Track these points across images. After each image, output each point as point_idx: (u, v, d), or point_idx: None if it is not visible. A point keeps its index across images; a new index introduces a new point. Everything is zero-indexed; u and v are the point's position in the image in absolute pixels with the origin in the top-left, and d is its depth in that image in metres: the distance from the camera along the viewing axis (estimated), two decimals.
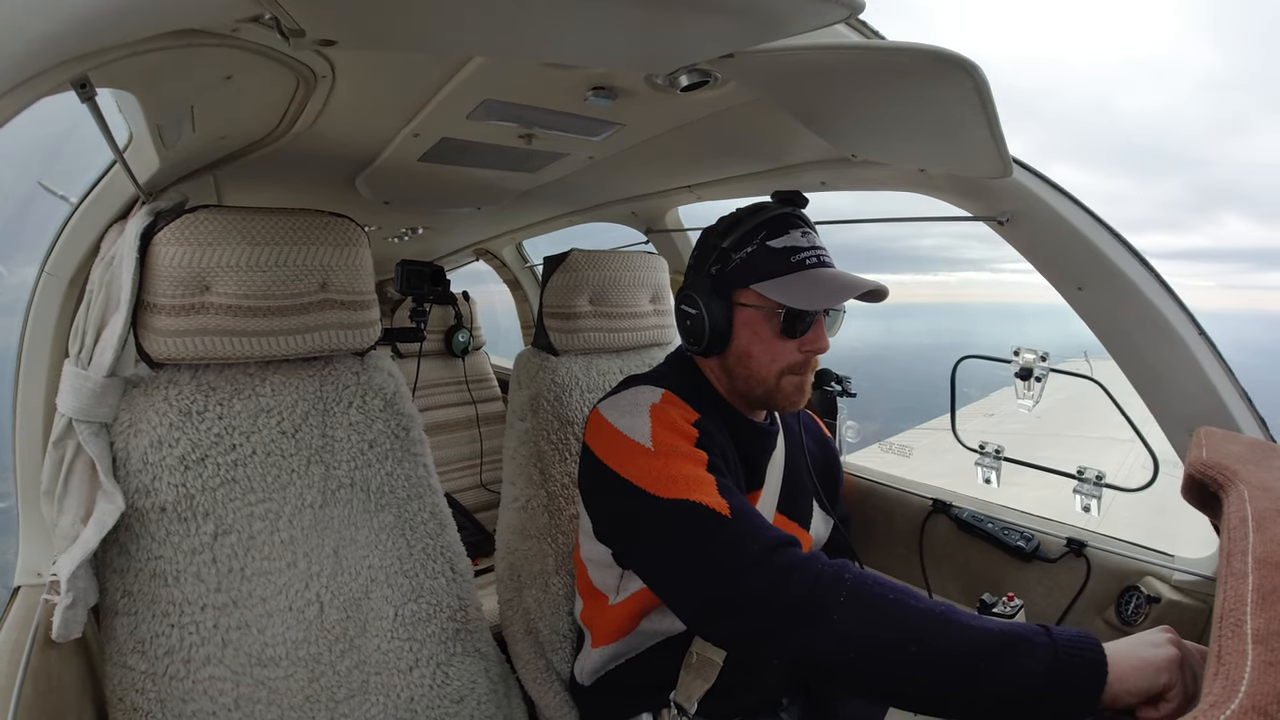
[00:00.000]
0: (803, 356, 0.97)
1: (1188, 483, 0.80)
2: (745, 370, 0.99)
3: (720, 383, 1.04)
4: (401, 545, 1.06)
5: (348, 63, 0.77)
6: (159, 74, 0.68)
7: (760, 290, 0.95)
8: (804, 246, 0.96)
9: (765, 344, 0.97)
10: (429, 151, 1.12)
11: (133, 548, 0.87)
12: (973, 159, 0.85)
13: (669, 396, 0.96)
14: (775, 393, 0.98)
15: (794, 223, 0.98)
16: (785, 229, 0.97)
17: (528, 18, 0.55)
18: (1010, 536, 1.19)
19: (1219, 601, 0.51)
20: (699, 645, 1.01)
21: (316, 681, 0.95)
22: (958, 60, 0.59)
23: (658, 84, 0.80)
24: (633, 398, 0.96)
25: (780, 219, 0.98)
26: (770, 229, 0.97)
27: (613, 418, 0.93)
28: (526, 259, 2.68)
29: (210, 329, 0.91)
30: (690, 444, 0.89)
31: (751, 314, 0.97)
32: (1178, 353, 0.94)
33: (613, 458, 0.89)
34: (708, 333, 0.98)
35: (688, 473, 0.83)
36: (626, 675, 1.04)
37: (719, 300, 0.98)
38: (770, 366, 0.97)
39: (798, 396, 0.99)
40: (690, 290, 1.01)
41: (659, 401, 0.95)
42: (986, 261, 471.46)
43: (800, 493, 1.11)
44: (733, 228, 1.00)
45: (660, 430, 0.89)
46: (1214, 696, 0.41)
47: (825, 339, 0.97)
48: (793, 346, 0.96)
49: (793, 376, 0.97)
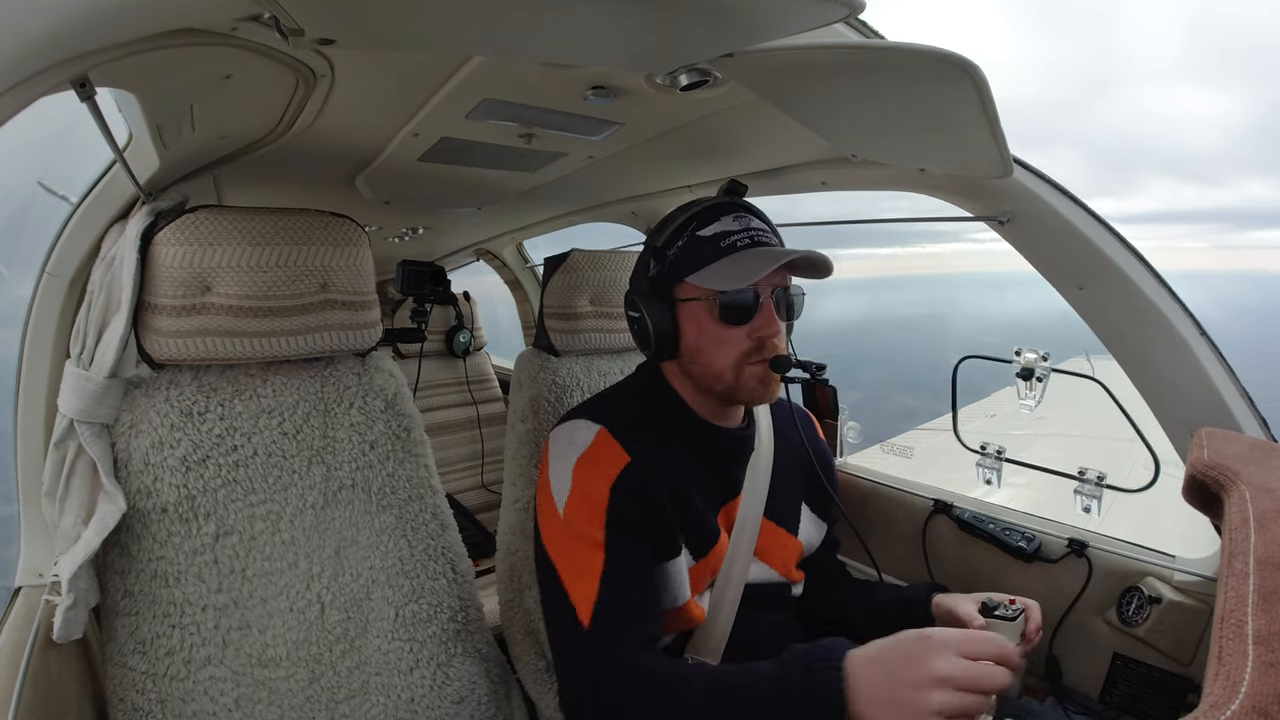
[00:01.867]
0: (754, 342, 0.92)
1: (1189, 483, 0.80)
2: (701, 368, 0.96)
3: (686, 389, 1.01)
4: (403, 546, 1.06)
5: (347, 62, 0.77)
6: (159, 73, 0.68)
7: (693, 281, 0.93)
8: (735, 230, 0.93)
9: (712, 336, 0.93)
10: (429, 151, 1.12)
11: (134, 548, 0.87)
12: (973, 159, 0.85)
13: (602, 438, 0.93)
14: (738, 387, 0.94)
15: (725, 209, 0.96)
16: (715, 217, 0.95)
17: (527, 17, 0.55)
18: (1011, 537, 1.19)
19: (1220, 602, 0.51)
20: (693, 648, 1.00)
21: (317, 682, 0.95)
22: (958, 60, 0.59)
23: (658, 83, 0.80)
24: (569, 435, 0.95)
25: (710, 209, 0.96)
26: (700, 219, 0.95)
27: (550, 456, 0.96)
28: (527, 259, 2.68)
29: (211, 330, 0.91)
30: (596, 522, 0.88)
31: (692, 308, 0.94)
32: (1179, 353, 0.94)
33: (539, 501, 0.96)
34: (653, 336, 0.96)
35: (578, 559, 0.89)
36: None
37: (659, 301, 0.96)
38: (723, 359, 0.93)
39: (763, 388, 0.95)
40: (632, 295, 0.99)
41: (589, 448, 0.92)
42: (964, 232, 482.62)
43: (789, 496, 1.09)
44: (665, 225, 0.98)
45: (574, 498, 0.90)
46: (1214, 697, 0.40)
47: (775, 322, 0.93)
48: (742, 334, 0.92)
49: (752, 367, 0.93)
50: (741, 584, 1.01)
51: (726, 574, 1.00)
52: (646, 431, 0.96)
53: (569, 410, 1.02)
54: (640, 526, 0.90)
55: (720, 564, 1.00)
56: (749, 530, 1.02)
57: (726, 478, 1.02)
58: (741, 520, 1.02)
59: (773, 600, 1.06)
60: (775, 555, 1.06)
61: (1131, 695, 1.04)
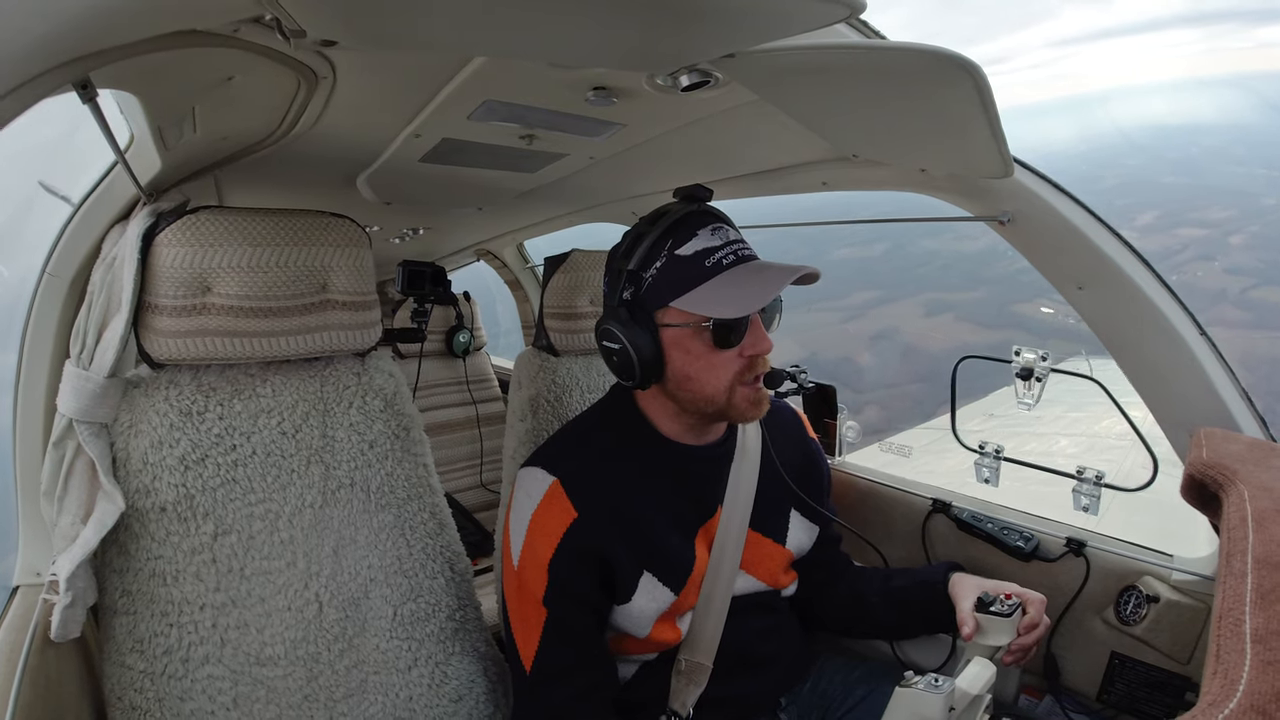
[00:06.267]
0: (746, 361, 0.90)
1: (1188, 483, 0.80)
2: (691, 394, 0.92)
3: (662, 411, 0.98)
4: (401, 545, 1.06)
5: (349, 63, 0.77)
6: (160, 75, 0.68)
7: (680, 306, 0.88)
8: (716, 246, 0.89)
9: (703, 361, 0.89)
10: (430, 152, 1.12)
11: (132, 547, 0.87)
12: (973, 159, 0.86)
13: (553, 492, 0.93)
14: (730, 407, 0.92)
15: (700, 222, 0.91)
16: (691, 232, 0.90)
17: (529, 18, 0.55)
18: (1010, 536, 1.19)
19: (1218, 601, 0.51)
20: (687, 651, 1.00)
21: (315, 681, 0.95)
22: (958, 60, 0.59)
23: (658, 84, 0.80)
24: (527, 486, 0.96)
25: (683, 221, 0.91)
26: (676, 236, 0.90)
27: (513, 503, 0.98)
28: (527, 259, 2.69)
29: (211, 330, 0.91)
30: (540, 581, 0.91)
31: (678, 333, 0.89)
32: (1178, 352, 0.94)
33: (503, 546, 0.99)
34: (638, 365, 0.90)
35: (525, 610, 0.94)
36: (621, 694, 1.02)
37: (640, 327, 0.90)
38: (716, 383, 0.90)
39: (755, 409, 0.92)
40: (606, 323, 0.93)
41: (540, 503, 0.93)
42: None
43: (777, 505, 1.07)
44: (635, 244, 0.92)
45: (524, 554, 0.93)
46: (1212, 695, 0.41)
47: (766, 338, 0.90)
48: (733, 355, 0.89)
49: (745, 388, 0.91)
50: (728, 598, 1.00)
51: (710, 590, 0.99)
52: (605, 474, 0.95)
53: (537, 449, 1.02)
54: (582, 585, 0.92)
55: (701, 584, 0.99)
56: (733, 545, 1.01)
57: (701, 498, 1.01)
58: (724, 535, 1.00)
59: (762, 607, 1.06)
60: (761, 566, 1.05)
61: (1129, 694, 1.05)
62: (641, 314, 0.91)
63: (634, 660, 1.02)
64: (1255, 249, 64.98)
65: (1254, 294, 48.46)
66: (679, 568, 0.97)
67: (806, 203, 1.55)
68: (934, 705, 0.74)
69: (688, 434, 1.00)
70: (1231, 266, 57.85)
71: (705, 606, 0.99)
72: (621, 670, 1.02)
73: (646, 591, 0.95)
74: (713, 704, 1.00)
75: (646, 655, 1.01)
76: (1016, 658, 0.91)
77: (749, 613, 1.03)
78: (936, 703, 0.74)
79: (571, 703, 0.92)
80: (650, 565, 0.95)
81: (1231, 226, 72.28)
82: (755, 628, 1.04)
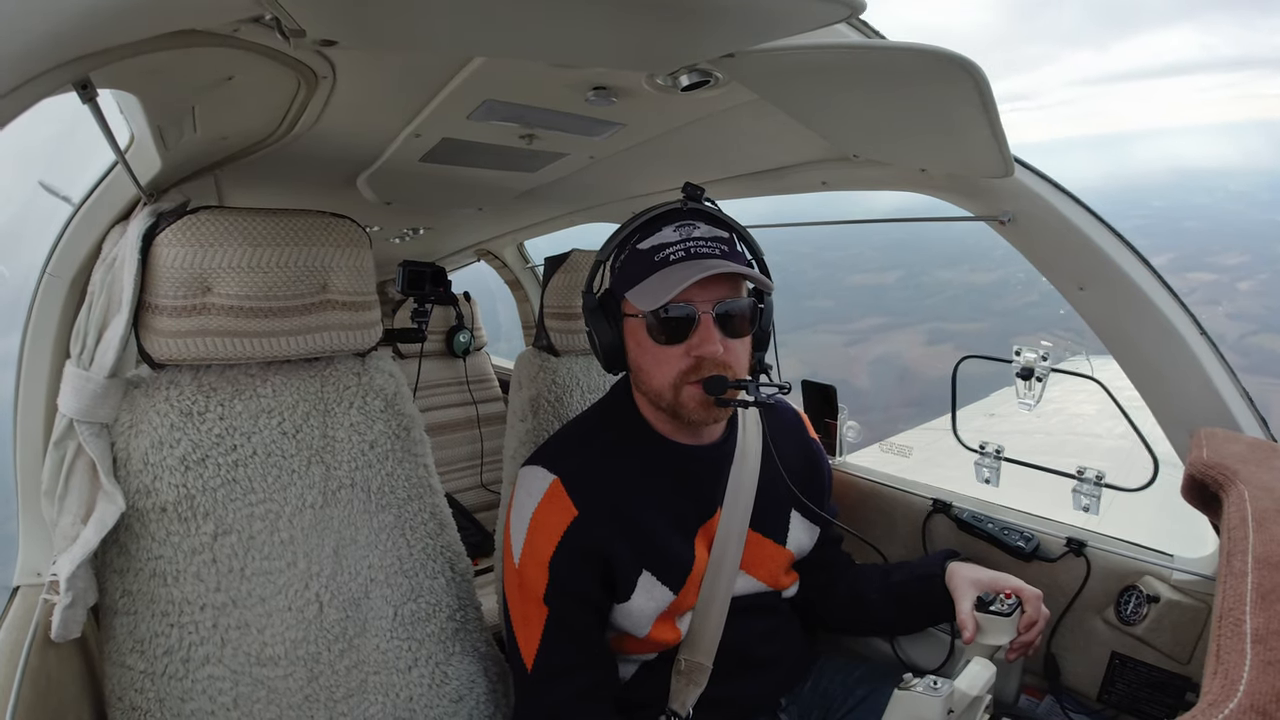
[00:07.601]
0: (694, 361, 0.89)
1: (1188, 483, 0.80)
2: (644, 385, 0.95)
3: (649, 409, 0.99)
4: (401, 545, 1.06)
5: (349, 63, 0.77)
6: (160, 74, 0.68)
7: (629, 297, 0.92)
8: (672, 241, 0.90)
9: (650, 354, 0.91)
10: (430, 152, 1.12)
11: (133, 547, 0.87)
12: (974, 158, 0.86)
13: (553, 491, 0.93)
14: (679, 406, 0.91)
15: (670, 218, 0.92)
16: (658, 227, 0.91)
17: (529, 18, 0.55)
18: (1010, 537, 1.19)
19: (1218, 601, 0.51)
20: (687, 651, 1.00)
21: (315, 681, 0.95)
22: (958, 60, 0.59)
23: (659, 84, 0.80)
24: (528, 484, 0.96)
25: (657, 218, 0.93)
26: (643, 230, 0.93)
27: (514, 502, 0.98)
28: (527, 259, 2.69)
29: (211, 330, 0.91)
30: (541, 580, 0.92)
31: (633, 325, 0.93)
32: (1179, 353, 0.94)
33: (504, 544, 1.00)
34: (602, 353, 0.96)
35: (526, 608, 0.94)
36: (621, 693, 1.02)
37: (605, 317, 0.95)
38: (661, 378, 0.91)
39: (703, 410, 0.91)
40: (583, 311, 0.99)
41: (541, 501, 0.94)
42: None
43: (777, 505, 1.07)
44: (613, 238, 0.96)
45: (525, 552, 0.94)
46: (1213, 695, 0.41)
47: (712, 341, 0.88)
48: (679, 352, 0.89)
49: (692, 388, 0.90)
50: (728, 599, 1.00)
51: (710, 591, 0.99)
52: (606, 472, 0.96)
53: (538, 448, 1.03)
54: (583, 583, 0.93)
55: (701, 584, 0.99)
56: (733, 546, 1.01)
57: (701, 498, 1.01)
58: (724, 536, 1.00)
59: (762, 609, 1.06)
60: (762, 567, 1.05)
61: (1130, 694, 1.04)
62: (611, 304, 0.96)
63: (634, 660, 1.02)
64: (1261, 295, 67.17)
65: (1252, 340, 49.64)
66: (678, 567, 0.97)
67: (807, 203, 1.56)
68: (932, 708, 0.74)
69: (679, 432, 1.00)
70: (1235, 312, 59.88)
71: (705, 607, 0.99)
72: (621, 670, 1.02)
73: (645, 590, 0.95)
74: (713, 704, 1.00)
75: (646, 655, 1.01)
76: (1018, 653, 0.91)
77: (749, 614, 1.03)
78: (935, 706, 0.74)
79: (572, 701, 0.92)
80: (649, 564, 0.95)
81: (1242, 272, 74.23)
82: (756, 629, 1.04)
